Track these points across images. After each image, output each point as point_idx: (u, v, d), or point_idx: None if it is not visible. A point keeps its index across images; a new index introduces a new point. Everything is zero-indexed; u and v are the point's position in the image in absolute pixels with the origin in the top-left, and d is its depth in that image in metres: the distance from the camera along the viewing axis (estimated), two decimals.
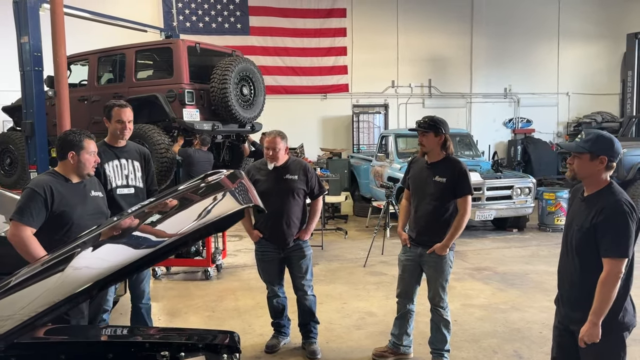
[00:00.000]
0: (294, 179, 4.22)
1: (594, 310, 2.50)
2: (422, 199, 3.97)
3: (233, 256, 7.71)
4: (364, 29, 14.18)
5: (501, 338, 4.67)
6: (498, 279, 6.47)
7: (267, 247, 4.29)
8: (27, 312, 1.77)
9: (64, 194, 3.17)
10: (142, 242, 2.10)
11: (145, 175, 4.07)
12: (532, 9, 15.13)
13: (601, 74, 15.95)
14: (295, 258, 4.29)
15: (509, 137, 15.40)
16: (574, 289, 2.67)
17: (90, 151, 3.29)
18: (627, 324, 2.59)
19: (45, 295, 1.86)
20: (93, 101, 9.18)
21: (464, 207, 3.89)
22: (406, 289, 4.13)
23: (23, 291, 1.96)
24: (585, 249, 2.58)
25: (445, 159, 3.95)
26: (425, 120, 3.94)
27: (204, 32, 13.02)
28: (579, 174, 2.62)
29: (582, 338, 2.53)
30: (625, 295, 2.59)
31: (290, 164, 4.27)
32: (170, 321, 5.17)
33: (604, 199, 2.55)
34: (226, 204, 2.01)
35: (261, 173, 4.26)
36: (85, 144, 3.27)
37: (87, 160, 3.26)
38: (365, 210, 10.66)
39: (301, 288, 4.32)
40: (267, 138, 4.23)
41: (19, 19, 7.62)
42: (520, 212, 9.11)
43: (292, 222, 4.22)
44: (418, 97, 14.81)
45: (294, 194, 4.22)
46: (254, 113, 9.29)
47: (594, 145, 2.57)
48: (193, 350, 2.27)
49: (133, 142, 4.23)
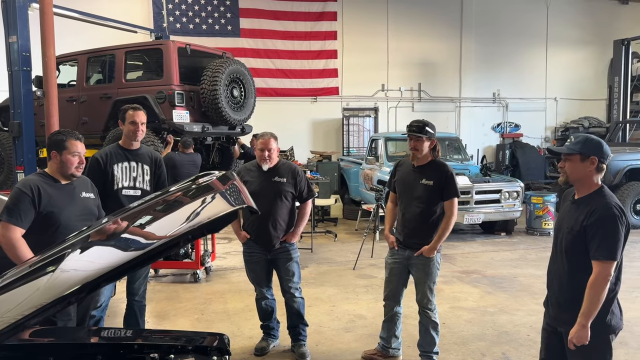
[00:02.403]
0: (283, 181, 4.23)
1: (583, 312, 2.52)
2: (409, 201, 4.00)
3: (222, 259, 7.68)
4: (354, 33, 14.22)
5: (489, 341, 4.70)
6: (486, 282, 6.51)
7: (254, 248, 4.30)
8: (15, 314, 1.75)
9: (52, 194, 3.15)
10: (131, 244, 2.09)
11: (155, 179, 4.14)
12: (521, 14, 15.29)
13: (588, 80, 16.14)
14: (282, 260, 4.29)
15: (497, 142, 15.52)
16: (563, 291, 2.70)
17: (73, 152, 3.23)
18: (614, 327, 2.62)
19: (33, 297, 1.85)
20: (82, 102, 9.13)
21: (450, 210, 3.95)
22: (393, 291, 4.15)
23: (11, 292, 1.94)
24: (575, 251, 2.61)
25: (432, 162, 4.01)
26: (418, 125, 3.95)
27: (194, 34, 12.99)
28: (571, 177, 2.65)
29: (571, 340, 2.56)
30: (613, 298, 2.62)
31: (280, 167, 4.28)
32: (158, 324, 5.14)
33: (594, 201, 2.58)
34: (218, 205, 2.01)
35: (251, 174, 4.27)
36: (69, 144, 3.22)
37: (69, 160, 3.21)
38: (354, 213, 10.69)
39: (289, 290, 4.32)
40: (261, 139, 4.24)
41: (7, 18, 7.55)
42: (508, 215, 9.19)
43: (279, 225, 4.22)
44: (408, 100, 14.88)
45: (282, 196, 4.23)
46: (244, 115, 9.28)
47: (584, 146, 2.61)
48: (182, 353, 2.27)
49: (146, 146, 4.26)
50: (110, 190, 3.95)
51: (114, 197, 3.93)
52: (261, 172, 4.24)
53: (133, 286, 4.13)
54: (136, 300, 4.14)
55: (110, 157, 3.99)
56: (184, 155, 8.06)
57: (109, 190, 3.95)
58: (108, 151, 4.06)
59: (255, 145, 4.36)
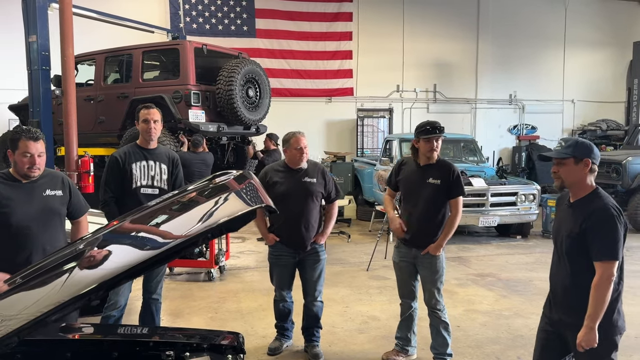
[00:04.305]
0: (313, 181, 4.19)
1: (590, 315, 2.52)
2: (416, 200, 4.00)
3: (236, 258, 7.71)
4: (369, 33, 14.20)
5: (504, 344, 4.66)
6: (501, 286, 6.45)
7: (283, 250, 4.24)
8: (35, 310, 1.78)
9: (5, 194, 3.08)
10: (149, 242, 2.10)
11: (173, 178, 4.16)
12: (538, 15, 15.15)
13: (607, 82, 15.95)
14: (310, 262, 4.26)
15: (513, 144, 15.40)
16: (568, 294, 2.70)
17: (24, 152, 3.07)
18: (620, 328, 2.62)
19: (53, 295, 1.87)
20: (99, 101, 9.22)
21: (457, 208, 3.98)
22: (408, 288, 4.17)
23: (32, 291, 1.98)
24: (576, 254, 2.62)
25: (438, 161, 4.02)
26: (437, 126, 3.94)
27: (210, 34, 13.07)
28: (566, 181, 2.67)
29: (580, 343, 2.54)
30: (618, 298, 2.62)
31: (309, 167, 4.25)
32: (173, 321, 5.18)
33: (591, 203, 2.60)
34: (237, 204, 2.01)
35: (279, 175, 4.21)
36: (21, 144, 3.07)
37: (20, 161, 3.08)
38: (368, 214, 10.65)
39: (311, 293, 4.31)
40: (294, 138, 4.14)
41: (28, 18, 7.65)
42: (524, 218, 9.09)
43: (311, 226, 4.20)
44: (423, 101, 14.82)
45: (313, 196, 4.19)
46: (259, 115, 9.32)
47: (576, 149, 2.64)
48: (198, 351, 2.28)
49: (163, 146, 4.29)
50: (129, 188, 3.99)
51: (132, 195, 3.97)
52: (291, 172, 4.19)
53: (150, 284, 4.16)
54: (153, 298, 4.17)
55: (128, 156, 4.03)
56: (194, 155, 8.09)
57: (127, 189, 3.99)
58: (126, 150, 4.10)
59: (286, 145, 4.19)
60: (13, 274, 2.90)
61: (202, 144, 8.22)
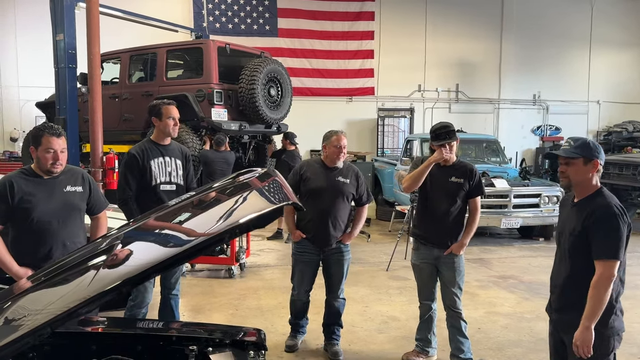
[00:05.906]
0: (346, 182, 4.24)
1: (587, 314, 2.49)
2: (439, 199, 4.00)
3: (256, 255, 7.76)
4: (391, 33, 14.15)
5: (526, 347, 4.61)
6: (523, 288, 6.38)
7: (308, 247, 4.28)
8: (62, 304, 1.83)
9: (27, 189, 3.12)
10: (173, 240, 2.14)
11: (186, 173, 4.17)
12: (563, 15, 14.91)
13: (633, 83, 15.64)
14: (334, 260, 4.29)
15: (537, 145, 15.19)
16: (566, 294, 2.69)
17: (47, 148, 3.11)
18: (616, 329, 2.59)
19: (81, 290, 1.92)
20: (124, 99, 9.36)
21: (477, 207, 4.05)
22: (429, 290, 4.17)
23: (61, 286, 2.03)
24: (578, 253, 2.60)
25: (457, 161, 4.08)
26: (449, 130, 4.00)
27: (233, 33, 13.16)
28: (574, 180, 2.65)
29: (576, 343, 2.53)
30: (617, 299, 2.59)
31: (344, 167, 4.29)
32: (194, 317, 5.24)
33: (595, 202, 2.59)
34: (263, 202, 2.03)
35: (312, 171, 4.26)
36: (44, 140, 3.11)
37: (43, 157, 3.12)
38: (388, 214, 10.62)
39: (334, 291, 4.33)
40: (335, 136, 4.19)
41: (55, 17, 7.80)
42: (547, 221, 8.94)
43: (338, 225, 4.23)
44: (444, 101, 14.71)
45: (344, 197, 4.24)
46: (281, 114, 9.35)
47: (585, 150, 2.63)
48: (220, 346, 2.30)
49: (175, 141, 4.32)
50: (149, 185, 3.97)
51: (152, 192, 3.95)
52: (325, 170, 4.24)
53: (170, 281, 4.19)
54: (172, 294, 4.21)
55: (146, 152, 4.00)
56: (217, 153, 8.17)
57: (146, 186, 3.97)
58: (143, 147, 4.06)
59: (326, 142, 4.24)
60: (34, 268, 2.98)
61: (225, 142, 8.30)
